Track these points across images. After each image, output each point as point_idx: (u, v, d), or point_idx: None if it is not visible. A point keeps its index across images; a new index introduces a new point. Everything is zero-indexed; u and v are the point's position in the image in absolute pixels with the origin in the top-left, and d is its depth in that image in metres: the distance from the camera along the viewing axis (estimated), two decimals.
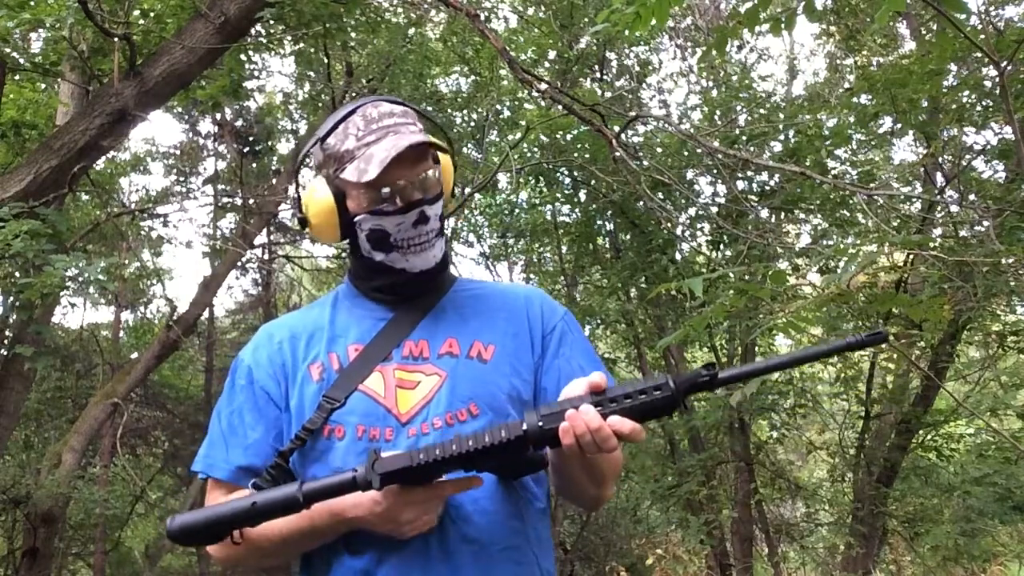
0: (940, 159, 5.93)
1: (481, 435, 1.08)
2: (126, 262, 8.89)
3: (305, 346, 1.29)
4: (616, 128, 4.65)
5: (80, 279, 4.80)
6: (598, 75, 7.65)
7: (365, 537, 1.17)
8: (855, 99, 5.89)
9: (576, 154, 6.66)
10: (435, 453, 1.07)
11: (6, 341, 6.97)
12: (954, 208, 5.54)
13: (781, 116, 6.58)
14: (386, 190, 1.22)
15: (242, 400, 1.29)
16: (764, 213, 6.74)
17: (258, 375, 1.29)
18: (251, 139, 9.55)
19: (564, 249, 8.35)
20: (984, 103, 5.22)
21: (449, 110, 7.42)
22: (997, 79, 3.57)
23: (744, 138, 6.35)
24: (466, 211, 8.27)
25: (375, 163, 1.19)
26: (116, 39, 4.80)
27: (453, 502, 1.18)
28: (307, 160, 1.37)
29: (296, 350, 1.29)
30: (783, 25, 2.79)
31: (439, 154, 1.31)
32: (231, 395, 1.31)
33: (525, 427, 1.07)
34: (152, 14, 5.80)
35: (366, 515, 1.13)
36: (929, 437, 6.80)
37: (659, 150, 6.72)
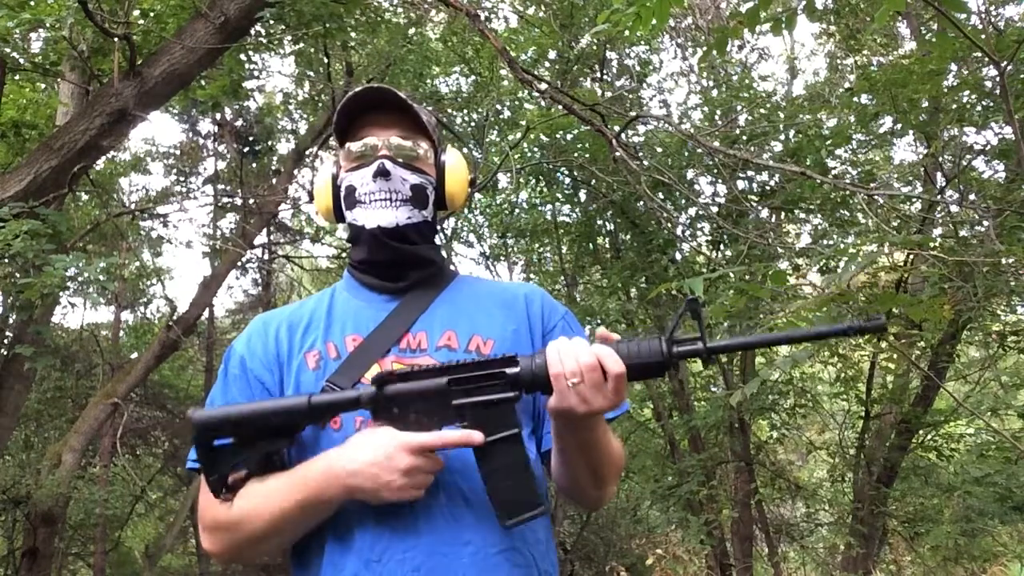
0: (940, 159, 5.93)
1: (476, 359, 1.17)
2: (126, 262, 8.89)
3: (302, 335, 1.30)
4: (616, 128, 4.65)
5: (80, 279, 4.80)
6: (598, 75, 7.64)
7: (358, 537, 1.17)
8: (855, 99, 5.89)
9: (576, 154, 6.65)
10: (431, 364, 1.17)
11: (6, 341, 6.97)
12: (954, 208, 5.54)
13: (781, 116, 6.58)
14: (365, 147, 1.28)
15: (235, 391, 1.28)
16: (764, 213, 6.74)
17: (251, 364, 1.29)
18: (251, 139, 9.53)
19: (564, 249, 8.34)
20: (984, 103, 5.21)
21: (449, 110, 7.42)
22: (997, 79, 3.57)
23: (744, 138, 6.35)
24: (466, 211, 8.27)
25: (342, 105, 1.28)
26: (116, 39, 4.80)
27: (450, 504, 1.18)
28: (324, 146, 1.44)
29: (292, 339, 1.29)
30: (783, 25, 2.79)
31: (451, 161, 1.35)
32: (224, 385, 1.30)
33: (519, 362, 1.14)
34: (152, 14, 5.80)
35: (362, 466, 1.12)
36: (929, 437, 6.80)
37: (659, 150, 6.71)
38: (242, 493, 1.18)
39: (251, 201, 8.99)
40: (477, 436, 1.12)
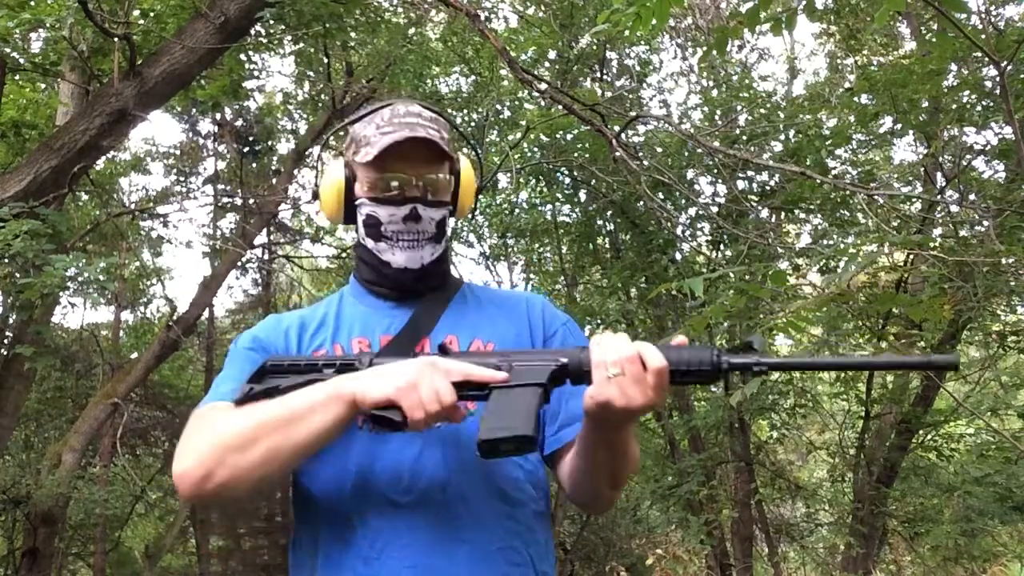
0: (940, 159, 5.93)
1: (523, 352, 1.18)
2: (126, 262, 8.89)
3: (311, 335, 1.31)
4: (616, 128, 4.65)
5: (80, 279, 4.81)
6: (598, 75, 7.64)
7: (357, 533, 1.17)
8: (855, 99, 5.89)
9: (576, 154, 6.65)
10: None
11: (6, 341, 6.97)
12: (954, 208, 5.54)
13: (781, 116, 6.58)
14: (395, 183, 1.27)
15: (244, 359, 1.26)
16: (764, 213, 6.74)
17: (265, 342, 1.29)
18: (251, 139, 9.51)
19: (564, 249, 8.34)
20: (984, 103, 5.21)
21: (449, 110, 7.42)
22: (997, 79, 3.57)
23: (744, 138, 6.35)
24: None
25: (377, 147, 1.24)
26: (116, 39, 4.80)
27: (448, 502, 1.18)
28: (331, 140, 1.41)
29: (302, 337, 1.31)
30: (784, 25, 2.80)
31: (463, 171, 1.35)
32: (232, 360, 1.28)
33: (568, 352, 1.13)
34: (152, 14, 5.80)
35: (381, 366, 1.10)
36: (929, 437, 6.80)
37: (659, 150, 6.71)
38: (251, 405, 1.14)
39: (251, 201, 8.99)
40: (502, 375, 1.10)
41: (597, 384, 1.05)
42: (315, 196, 1.37)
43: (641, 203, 6.40)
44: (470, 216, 8.44)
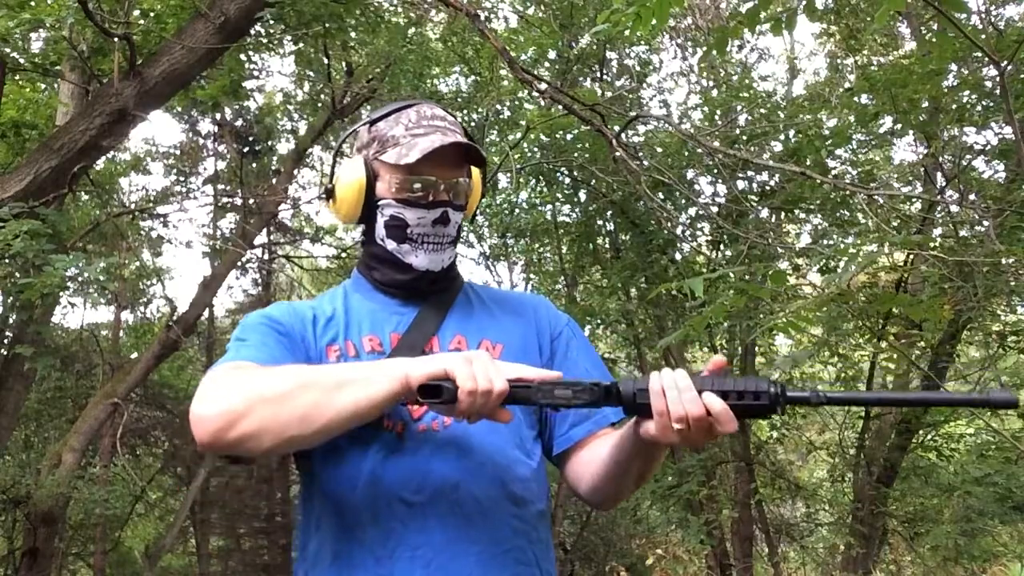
0: (940, 159, 5.92)
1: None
2: (126, 262, 8.89)
3: (323, 326, 1.29)
4: (616, 128, 4.65)
5: (80, 279, 4.81)
6: (598, 75, 7.64)
7: (369, 533, 1.17)
8: (855, 99, 5.89)
9: (576, 154, 6.65)
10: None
11: (6, 341, 6.98)
12: (954, 208, 5.53)
13: (781, 116, 6.57)
14: (417, 184, 1.26)
15: (263, 332, 1.22)
16: (764, 213, 6.74)
17: (281, 320, 1.26)
18: (251, 139, 9.51)
19: (564, 249, 8.35)
20: (984, 103, 5.21)
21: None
22: (997, 79, 3.57)
23: (744, 138, 6.35)
24: None
25: (416, 151, 1.23)
26: (116, 39, 4.80)
27: (460, 502, 1.18)
28: (350, 140, 1.39)
29: (316, 326, 1.29)
30: (784, 25, 2.80)
31: (474, 172, 1.36)
32: (248, 330, 1.23)
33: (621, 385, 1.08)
34: (152, 14, 5.80)
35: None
36: (929, 437, 6.80)
37: (659, 150, 6.71)
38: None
39: (251, 201, 8.99)
40: (555, 373, 1.10)
41: (660, 429, 1.04)
42: (328, 194, 1.34)
43: (641, 203, 6.40)
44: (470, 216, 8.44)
